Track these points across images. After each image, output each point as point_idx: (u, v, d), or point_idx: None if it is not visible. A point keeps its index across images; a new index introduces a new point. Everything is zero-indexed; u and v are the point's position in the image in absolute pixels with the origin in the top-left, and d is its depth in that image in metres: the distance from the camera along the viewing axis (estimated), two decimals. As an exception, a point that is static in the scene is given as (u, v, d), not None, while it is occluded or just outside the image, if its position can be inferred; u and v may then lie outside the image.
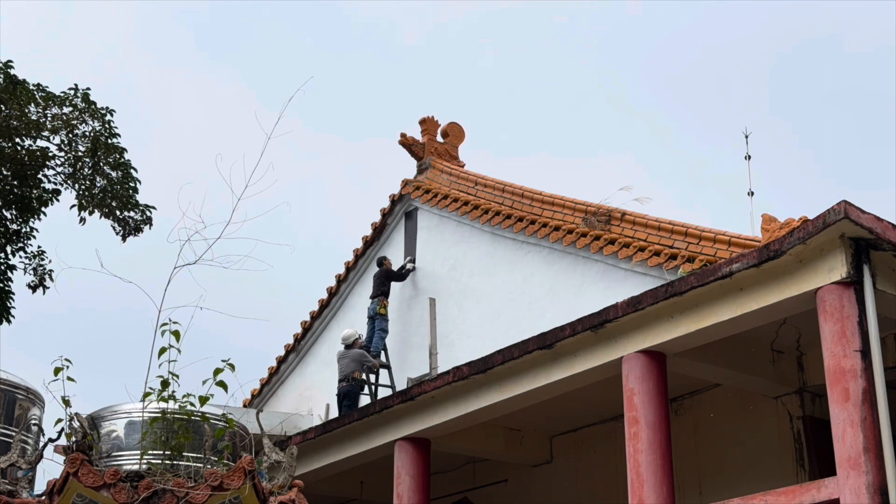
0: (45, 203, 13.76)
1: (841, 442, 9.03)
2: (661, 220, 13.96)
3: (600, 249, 14.34)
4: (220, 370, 7.03)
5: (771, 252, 9.60)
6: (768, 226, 11.62)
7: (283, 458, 7.40)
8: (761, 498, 9.78)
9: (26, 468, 7.76)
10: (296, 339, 19.89)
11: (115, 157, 13.81)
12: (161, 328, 7.04)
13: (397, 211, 18.68)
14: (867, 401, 9.00)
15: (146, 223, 14.12)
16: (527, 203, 16.23)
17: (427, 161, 18.73)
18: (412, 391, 13.11)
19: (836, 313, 9.30)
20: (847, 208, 9.03)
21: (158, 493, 6.67)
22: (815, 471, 11.50)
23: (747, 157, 16.83)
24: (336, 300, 19.27)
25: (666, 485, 10.45)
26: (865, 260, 9.27)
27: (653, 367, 10.80)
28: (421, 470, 13.25)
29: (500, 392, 12.14)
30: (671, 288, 10.39)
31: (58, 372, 7.10)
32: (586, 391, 12.06)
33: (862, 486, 8.79)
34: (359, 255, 19.01)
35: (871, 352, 9.13)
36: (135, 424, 7.19)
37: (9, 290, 13.54)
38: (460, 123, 19.53)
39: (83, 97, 13.75)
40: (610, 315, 10.89)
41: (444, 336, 16.72)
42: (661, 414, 10.67)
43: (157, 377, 7.11)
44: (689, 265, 12.73)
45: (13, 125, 13.26)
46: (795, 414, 12.06)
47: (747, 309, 9.97)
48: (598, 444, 13.94)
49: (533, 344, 11.58)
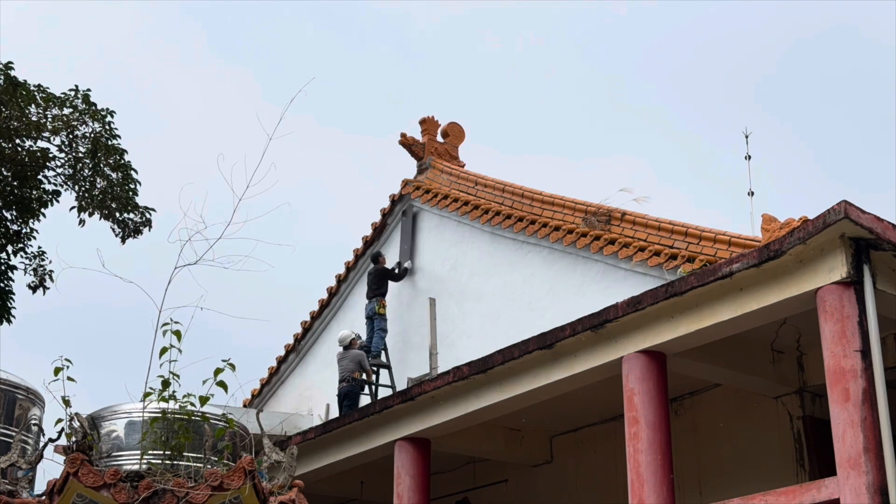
0: (45, 204, 13.74)
1: (841, 442, 9.03)
2: (661, 220, 13.96)
3: (600, 249, 14.34)
4: (221, 370, 7.04)
5: (771, 252, 9.60)
6: (768, 226, 11.62)
7: (283, 458, 7.40)
8: (761, 498, 9.78)
9: (26, 468, 7.76)
10: (296, 339, 19.90)
11: (116, 158, 13.79)
12: (162, 328, 7.05)
13: (397, 211, 18.68)
14: (867, 401, 9.00)
15: (146, 225, 14.10)
16: (527, 203, 16.23)
17: (427, 161, 18.73)
18: (412, 391, 13.11)
19: (836, 313, 9.30)
20: (847, 208, 9.03)
21: (158, 493, 6.67)
22: (815, 471, 11.50)
23: (747, 157, 16.85)
24: (336, 300, 19.27)
25: (666, 485, 10.45)
26: (865, 260, 9.27)
27: (653, 367, 10.81)
28: (421, 470, 13.25)
29: (500, 392, 12.14)
30: (671, 288, 10.39)
31: (58, 372, 7.10)
32: (586, 391, 12.06)
33: (862, 486, 8.79)
34: (359, 255, 19.01)
35: (871, 352, 9.13)
36: (135, 424, 7.19)
37: (9, 291, 13.53)
38: (460, 123, 19.55)
39: (83, 98, 13.74)
40: (610, 315, 10.90)
41: (444, 336, 16.71)
42: (661, 414, 10.67)
43: (157, 377, 7.12)
44: (689, 265, 12.73)
45: (13, 126, 13.25)
46: (795, 414, 12.06)
47: (747, 309, 9.97)
48: (598, 444, 13.94)
49: (533, 344, 11.58)
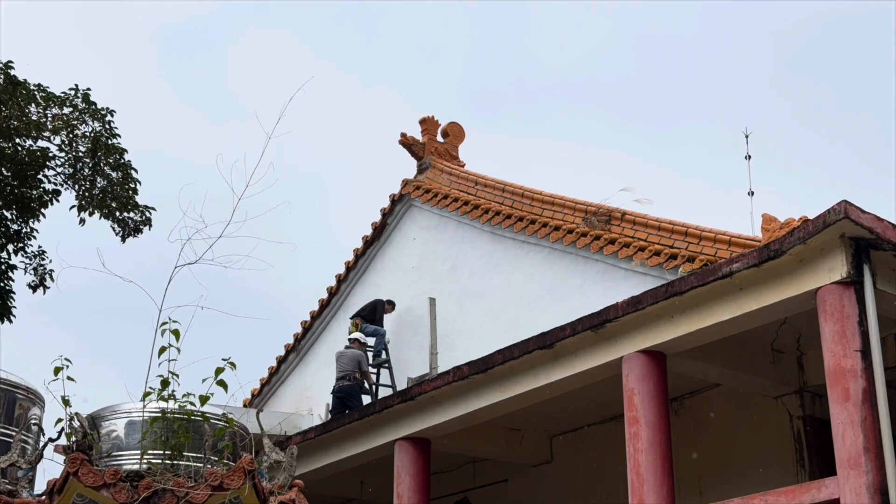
0: (45, 204, 13.73)
1: (841, 442, 9.03)
2: (662, 219, 13.96)
3: (600, 249, 14.34)
4: (221, 369, 7.03)
5: (771, 252, 9.60)
6: (768, 226, 11.63)
7: (283, 458, 7.40)
8: (761, 498, 9.78)
9: (26, 468, 7.76)
10: (296, 338, 19.90)
11: (116, 157, 13.79)
12: (161, 327, 7.05)
13: (397, 211, 18.68)
14: (867, 401, 9.00)
15: (146, 224, 14.10)
16: (527, 203, 16.23)
17: (427, 161, 18.73)
18: (412, 391, 13.11)
19: (836, 313, 9.30)
20: (847, 208, 9.03)
21: (158, 492, 6.67)
22: (815, 471, 11.50)
23: (747, 156, 16.86)
24: (336, 300, 19.27)
25: (666, 485, 10.45)
26: (865, 260, 9.27)
27: (653, 367, 10.81)
28: (421, 470, 13.26)
29: (500, 392, 12.14)
30: (671, 288, 10.39)
31: (58, 372, 7.10)
32: (586, 391, 12.06)
33: (862, 486, 8.79)
34: (359, 254, 19.01)
35: (871, 352, 9.13)
36: (135, 424, 7.19)
37: (9, 290, 13.52)
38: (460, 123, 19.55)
39: (83, 97, 13.73)
40: (610, 315, 10.90)
41: (444, 336, 16.71)
42: (661, 414, 10.67)
43: (157, 377, 7.11)
44: (689, 265, 12.74)
45: (13, 125, 13.25)
46: (795, 414, 12.07)
47: (747, 309, 9.97)
48: (598, 444, 13.94)
49: (533, 344, 11.58)
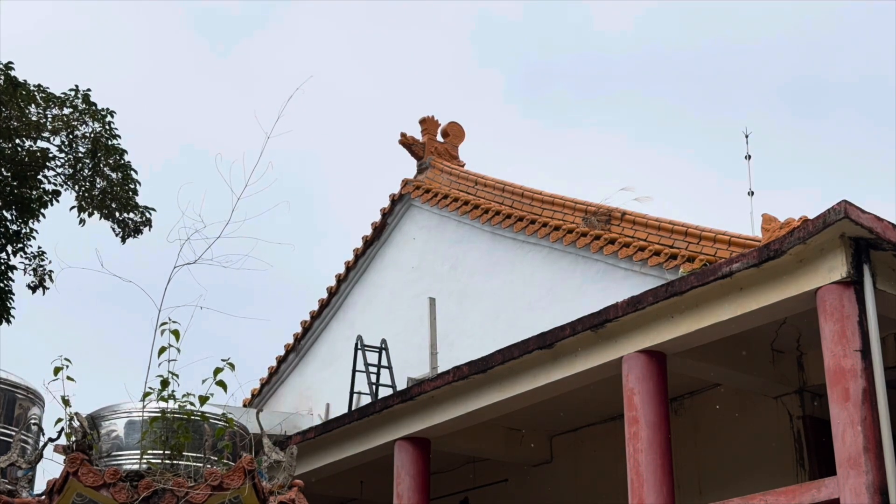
0: (45, 204, 13.73)
1: (841, 442, 9.03)
2: (661, 219, 13.97)
3: (600, 249, 14.34)
4: (221, 369, 7.04)
5: (771, 252, 9.60)
6: (768, 225, 11.63)
7: (283, 457, 7.40)
8: (761, 498, 9.78)
9: (26, 468, 7.76)
10: (296, 338, 19.90)
11: (115, 158, 13.79)
12: (161, 327, 7.05)
13: (397, 211, 18.69)
14: (867, 401, 9.00)
15: (146, 225, 14.11)
16: (527, 203, 16.23)
17: (427, 161, 18.73)
18: (412, 391, 13.11)
19: (836, 313, 9.30)
20: (847, 208, 9.03)
21: (158, 492, 6.67)
22: (815, 471, 11.50)
23: (747, 156, 16.85)
24: (336, 300, 19.27)
25: (666, 485, 10.45)
26: (865, 260, 9.27)
27: (653, 367, 10.80)
28: (421, 470, 13.25)
29: (500, 392, 12.14)
30: (671, 287, 10.39)
31: (58, 371, 7.10)
32: (586, 391, 12.06)
33: (862, 486, 8.78)
34: (359, 254, 19.01)
35: (871, 352, 9.13)
36: (135, 424, 7.20)
37: (9, 291, 13.53)
38: (460, 122, 19.55)
39: (83, 98, 13.73)
40: (610, 315, 10.89)
41: (444, 336, 16.71)
42: (661, 414, 10.67)
43: (156, 377, 7.12)
44: (689, 265, 12.74)
45: (13, 126, 13.25)
46: (795, 414, 12.06)
47: (747, 309, 9.97)
48: (598, 444, 13.94)
49: (533, 344, 11.58)
